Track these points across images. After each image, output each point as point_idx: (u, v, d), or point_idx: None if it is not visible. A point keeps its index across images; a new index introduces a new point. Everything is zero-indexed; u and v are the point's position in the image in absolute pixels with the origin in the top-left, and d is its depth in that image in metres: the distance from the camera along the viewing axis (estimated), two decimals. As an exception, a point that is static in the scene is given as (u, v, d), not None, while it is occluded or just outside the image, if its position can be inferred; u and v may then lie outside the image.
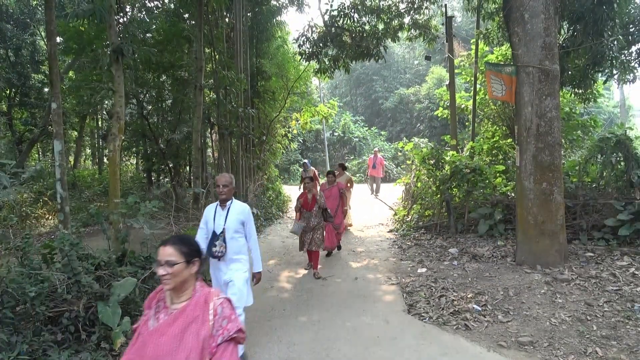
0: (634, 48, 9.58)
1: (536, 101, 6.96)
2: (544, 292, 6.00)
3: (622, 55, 9.16)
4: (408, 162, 14.08)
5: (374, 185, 18.22)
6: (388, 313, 5.81)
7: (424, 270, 7.53)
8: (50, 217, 12.84)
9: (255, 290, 6.86)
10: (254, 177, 14.57)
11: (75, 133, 21.97)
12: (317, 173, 13.80)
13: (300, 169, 14.81)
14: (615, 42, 8.50)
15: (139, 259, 6.28)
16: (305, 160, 14.57)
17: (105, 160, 22.61)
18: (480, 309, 5.67)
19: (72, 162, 21.48)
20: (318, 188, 9.19)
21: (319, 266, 7.86)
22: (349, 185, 10.94)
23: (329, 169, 26.38)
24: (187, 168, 15.83)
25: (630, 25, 9.32)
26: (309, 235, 7.54)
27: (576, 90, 10.02)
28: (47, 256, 5.22)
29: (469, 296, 6.08)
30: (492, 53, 12.89)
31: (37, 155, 22.31)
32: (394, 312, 5.84)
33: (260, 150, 15.78)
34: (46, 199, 13.43)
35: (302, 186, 8.71)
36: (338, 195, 8.79)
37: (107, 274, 5.39)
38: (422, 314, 5.71)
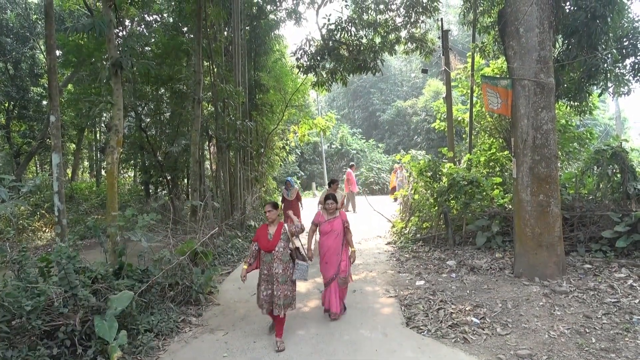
0: (627, 61, 9.69)
1: (532, 114, 7.01)
2: (543, 305, 5.99)
3: (617, 69, 9.25)
4: (405, 174, 14.11)
5: (354, 202, 17.29)
6: (386, 326, 5.78)
7: (422, 282, 7.50)
8: (47, 230, 12.80)
9: (253, 304, 6.85)
10: (252, 190, 14.57)
11: (73, 146, 22.03)
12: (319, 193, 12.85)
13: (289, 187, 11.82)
14: (610, 56, 8.59)
15: (136, 272, 6.26)
16: (288, 178, 12.35)
17: (103, 172, 22.62)
18: (478, 321, 5.65)
19: (69, 175, 21.49)
20: (301, 221, 6.87)
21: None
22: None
23: (327, 182, 26.37)
24: (185, 180, 15.84)
25: (624, 39, 9.44)
26: (269, 290, 5.28)
27: (572, 102, 10.10)
28: (43, 269, 5.20)
29: (467, 309, 6.06)
30: (488, 66, 13.01)
31: (34, 167, 22.32)
32: (393, 325, 5.81)
33: (258, 163, 15.81)
34: (43, 211, 13.39)
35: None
36: (342, 231, 5.97)
37: (104, 287, 5.37)
38: (421, 327, 5.68)
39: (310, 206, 13.71)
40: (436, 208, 10.22)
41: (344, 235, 6.05)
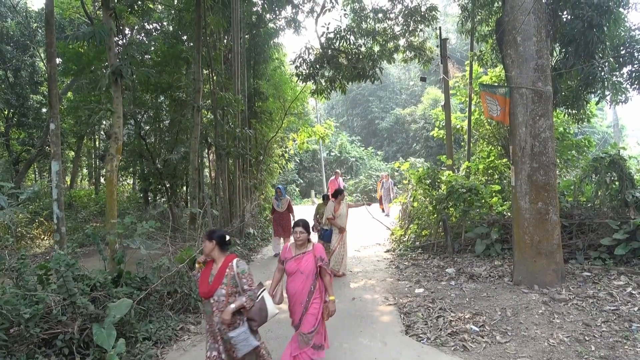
0: (625, 69, 9.76)
1: (530, 122, 7.05)
2: (542, 312, 5.98)
3: (614, 77, 9.31)
4: (404, 182, 14.13)
5: None
6: (386, 334, 5.77)
7: (421, 290, 7.49)
8: (45, 238, 12.76)
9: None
10: (251, 197, 14.57)
11: (73, 153, 22.05)
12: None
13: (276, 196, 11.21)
14: (607, 64, 8.66)
15: (135, 279, 6.25)
16: (279, 186, 11.38)
17: (102, 180, 22.62)
18: (478, 329, 5.64)
19: (68, 182, 21.47)
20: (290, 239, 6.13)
21: None
22: (336, 214, 8.69)
23: (325, 190, 26.24)
24: (184, 188, 15.83)
25: (621, 48, 9.52)
26: (214, 350, 3.97)
27: (569, 110, 10.16)
28: (42, 277, 5.19)
29: (466, 317, 6.05)
30: (486, 74, 13.11)
31: (34, 175, 22.30)
32: (392, 333, 5.80)
33: (257, 170, 15.82)
34: (42, 219, 13.37)
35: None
36: (313, 272, 4.40)
37: (103, 295, 5.36)
38: (420, 335, 5.67)
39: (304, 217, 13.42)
40: (435, 215, 10.23)
41: (319, 278, 4.47)
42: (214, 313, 3.89)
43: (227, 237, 3.99)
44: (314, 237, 8.10)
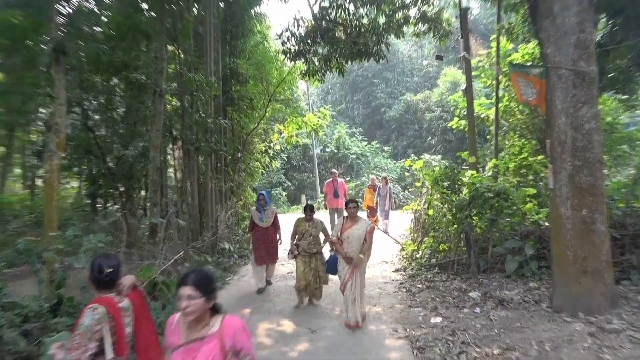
0: (687, 46, 9.83)
1: (571, 110, 7.04)
2: (588, 346, 5.96)
3: (674, 55, 9.38)
4: (417, 184, 14.15)
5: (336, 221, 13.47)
6: (394, 374, 5.73)
7: (438, 319, 7.47)
8: (-33, 256, 12.63)
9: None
10: (226, 204, 14.53)
11: (2, 149, 21.86)
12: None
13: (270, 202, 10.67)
14: (665, 39, 8.72)
15: (78, 307, 6.15)
16: (263, 191, 10.78)
17: (39, 183, 22.45)
18: (509, 368, 5.62)
19: (-3, 186, 21.30)
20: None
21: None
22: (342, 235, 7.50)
23: (321, 192, 26.08)
24: (143, 192, 15.76)
25: (682, 19, 9.58)
26: None
27: (619, 96, 10.22)
28: (-39, 306, 5.11)
29: (495, 352, 6.03)
30: (517, 51, 13.14)
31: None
32: (402, 374, 5.76)
33: (234, 170, 15.79)
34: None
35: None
36: None
37: (38, 328, 5.29)
38: (437, 376, 5.64)
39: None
40: (455, 226, 10.23)
41: None
42: None
43: (104, 273, 3.47)
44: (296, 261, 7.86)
